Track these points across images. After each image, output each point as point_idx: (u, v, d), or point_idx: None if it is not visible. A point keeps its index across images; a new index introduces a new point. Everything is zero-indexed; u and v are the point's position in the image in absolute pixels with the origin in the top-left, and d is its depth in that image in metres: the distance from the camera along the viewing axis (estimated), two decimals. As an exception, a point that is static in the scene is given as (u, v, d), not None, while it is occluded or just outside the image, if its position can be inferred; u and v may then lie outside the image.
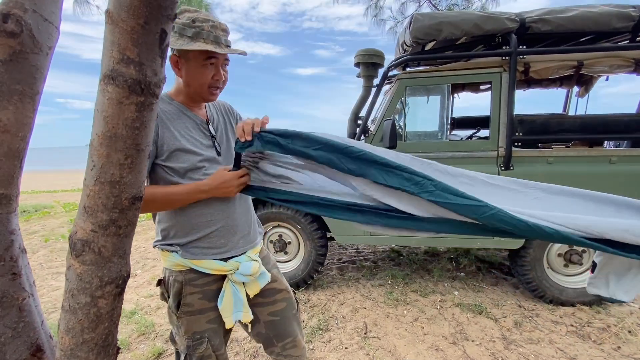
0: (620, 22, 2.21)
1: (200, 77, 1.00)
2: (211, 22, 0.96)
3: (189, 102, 1.07)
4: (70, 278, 0.80)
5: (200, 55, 0.97)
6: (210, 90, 1.03)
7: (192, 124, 1.06)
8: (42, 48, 0.96)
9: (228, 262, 1.07)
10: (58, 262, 3.60)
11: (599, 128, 2.32)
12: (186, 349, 1.08)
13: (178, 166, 1.01)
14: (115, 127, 0.72)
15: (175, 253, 1.06)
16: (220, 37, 0.97)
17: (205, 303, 1.08)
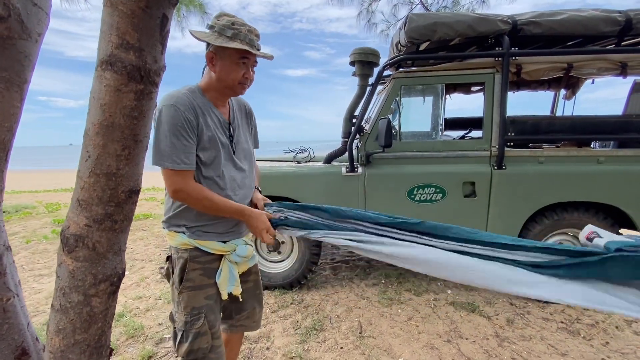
0: (608, 26, 2.27)
1: (234, 74, 1.11)
2: (247, 27, 1.09)
3: (218, 97, 1.18)
4: (61, 275, 0.76)
5: (236, 53, 1.08)
6: (240, 86, 1.15)
7: (217, 121, 1.17)
8: (31, 34, 0.92)
9: (227, 244, 1.22)
10: (40, 264, 3.46)
11: (588, 129, 2.38)
12: (184, 325, 1.18)
13: (205, 157, 1.12)
14: (112, 115, 0.68)
15: (182, 234, 1.17)
16: (254, 41, 1.10)
17: (205, 279, 1.20)
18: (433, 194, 2.45)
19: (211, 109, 1.16)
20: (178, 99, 1.06)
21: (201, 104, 1.13)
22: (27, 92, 1.00)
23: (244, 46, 1.06)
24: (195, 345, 1.17)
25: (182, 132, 1.04)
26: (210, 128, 1.13)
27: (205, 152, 1.12)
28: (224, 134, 1.18)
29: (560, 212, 2.40)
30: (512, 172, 2.36)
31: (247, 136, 1.30)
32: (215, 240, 1.20)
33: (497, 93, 2.36)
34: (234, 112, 1.26)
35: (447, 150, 2.47)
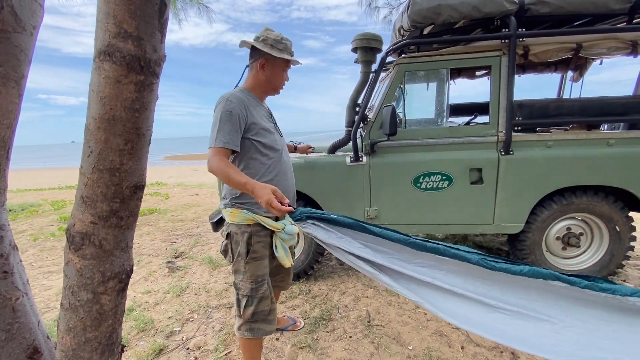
0: (618, 3, 2.19)
1: (280, 78, 1.44)
2: (289, 41, 1.40)
3: (262, 95, 1.47)
4: (69, 274, 0.74)
5: (283, 63, 1.41)
6: (279, 89, 1.49)
7: (265, 112, 1.46)
8: (25, 27, 0.88)
9: (278, 222, 1.39)
10: (49, 260, 3.49)
11: (597, 111, 2.32)
12: (250, 291, 1.41)
13: (265, 141, 1.38)
14: (113, 108, 0.66)
15: (246, 210, 1.38)
16: (292, 53, 1.42)
17: (265, 251, 1.44)
18: (439, 182, 2.42)
19: (258, 103, 1.44)
20: (231, 95, 1.33)
21: (250, 100, 1.39)
22: (24, 88, 0.97)
23: (291, 58, 1.39)
24: (259, 308, 1.42)
25: (228, 118, 1.27)
26: (262, 118, 1.39)
27: (261, 137, 1.36)
28: (270, 121, 1.47)
29: (569, 196, 2.36)
30: (520, 157, 2.32)
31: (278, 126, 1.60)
32: (271, 216, 1.39)
33: (504, 76, 2.30)
34: (268, 106, 1.55)
35: (453, 137, 2.43)
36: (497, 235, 3.61)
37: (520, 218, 2.42)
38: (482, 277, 0.92)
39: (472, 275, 0.93)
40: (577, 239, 2.47)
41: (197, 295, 2.61)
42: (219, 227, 2.72)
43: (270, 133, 1.41)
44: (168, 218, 5.04)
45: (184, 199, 6.68)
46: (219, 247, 3.69)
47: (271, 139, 1.41)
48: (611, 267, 2.45)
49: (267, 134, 1.39)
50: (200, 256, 3.40)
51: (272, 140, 1.41)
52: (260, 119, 1.38)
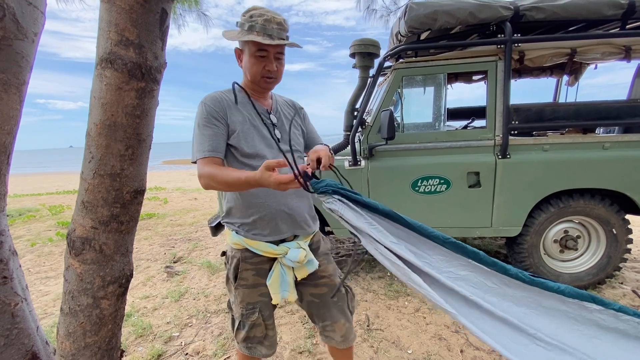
0: (611, 9, 2.22)
1: (254, 68, 1.09)
2: (265, 17, 1.03)
3: (252, 92, 1.18)
4: (69, 279, 0.75)
5: (252, 46, 1.06)
6: (264, 80, 1.12)
7: (254, 112, 1.16)
8: (27, 34, 0.90)
9: (279, 246, 1.18)
10: (47, 266, 3.47)
11: (592, 115, 2.35)
12: (240, 316, 1.24)
13: (239, 146, 1.11)
14: (114, 115, 0.67)
15: (234, 232, 1.19)
16: (273, 30, 1.04)
17: (259, 279, 1.21)
18: (437, 185, 2.44)
19: (248, 101, 1.17)
20: (206, 97, 1.12)
21: (237, 97, 1.15)
22: (26, 94, 0.98)
23: (255, 37, 1.02)
24: (251, 333, 1.24)
25: (206, 123, 1.07)
26: (245, 119, 1.13)
27: (236, 142, 1.11)
28: (263, 123, 1.17)
29: (566, 199, 2.38)
30: (517, 161, 2.34)
31: (291, 126, 1.26)
32: (265, 240, 1.17)
33: (500, 81, 2.33)
34: (276, 105, 1.26)
35: (451, 141, 2.45)
36: (495, 239, 3.62)
37: (518, 221, 2.43)
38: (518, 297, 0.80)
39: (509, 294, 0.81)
40: (574, 242, 2.49)
41: (196, 300, 2.60)
42: (217, 231, 2.72)
43: (251, 137, 1.12)
44: (167, 223, 5.03)
45: (183, 203, 6.67)
46: (217, 251, 3.68)
47: (252, 144, 1.12)
48: (608, 270, 2.46)
49: (246, 137, 1.11)
50: (199, 261, 3.39)
51: (252, 146, 1.11)
52: (238, 119, 1.12)
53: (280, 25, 1.05)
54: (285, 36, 1.08)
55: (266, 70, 1.09)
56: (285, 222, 1.18)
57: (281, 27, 1.05)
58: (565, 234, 2.51)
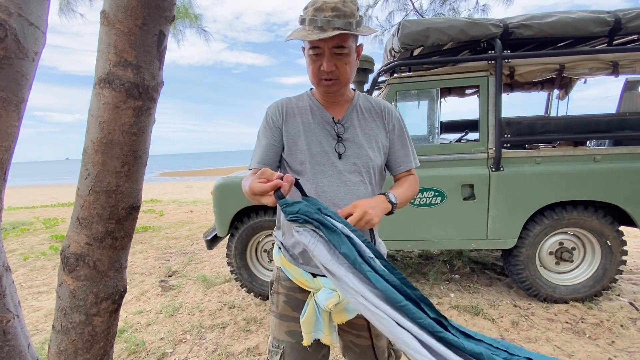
0: (597, 27, 2.30)
1: (309, 68, 0.93)
2: (316, 5, 0.83)
3: (322, 97, 1.01)
4: (62, 296, 0.75)
5: (306, 45, 0.89)
6: (322, 83, 0.92)
7: (317, 121, 0.98)
8: (27, 53, 0.92)
9: (316, 278, 0.97)
10: (39, 281, 3.42)
11: (583, 128, 2.40)
12: (268, 352, 1.06)
13: (291, 160, 0.97)
14: (111, 133, 0.68)
15: (276, 246, 1.07)
16: (324, 20, 0.82)
17: (288, 310, 1.02)
18: (432, 198, 2.45)
19: (314, 109, 1.00)
20: (274, 102, 1.02)
21: (300, 106, 1.00)
22: (24, 111, 0.99)
23: (299, 35, 0.85)
24: None
25: (263, 131, 0.99)
26: (303, 130, 0.97)
27: (289, 156, 0.97)
28: (326, 134, 0.97)
29: (559, 211, 2.40)
30: (510, 174, 2.37)
31: (364, 137, 1.00)
32: (300, 266, 0.99)
33: (492, 95, 2.38)
34: (354, 112, 1.02)
35: (445, 154, 2.48)
36: (491, 251, 3.62)
37: (513, 233, 2.44)
38: None
39: None
40: (569, 254, 2.50)
41: (190, 315, 2.56)
42: (213, 245, 2.71)
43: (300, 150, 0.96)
44: (162, 236, 4.99)
45: (179, 216, 6.64)
46: (213, 265, 3.65)
47: (300, 159, 0.96)
48: (605, 282, 2.47)
49: (294, 150, 0.97)
50: (194, 275, 3.36)
51: (300, 161, 0.96)
52: (294, 129, 0.98)
53: (336, 11, 0.82)
54: (345, 24, 0.83)
55: (322, 71, 0.89)
56: None
57: (337, 13, 0.82)
58: (561, 245, 2.53)
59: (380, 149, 1.01)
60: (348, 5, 0.83)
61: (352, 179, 0.96)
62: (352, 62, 0.91)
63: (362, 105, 1.04)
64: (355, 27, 0.84)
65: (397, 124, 1.05)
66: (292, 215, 0.71)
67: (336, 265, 0.68)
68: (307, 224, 0.71)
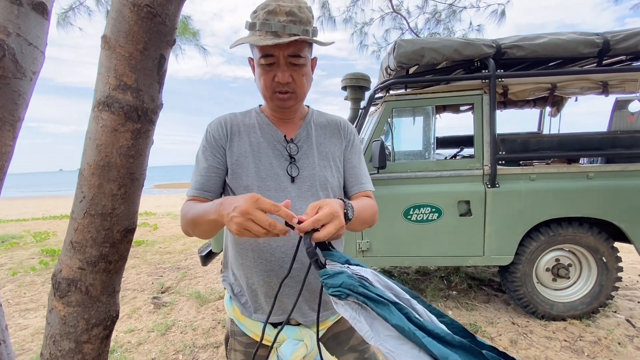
0: (587, 48, 2.37)
1: (260, 80, 0.81)
2: (269, 7, 0.74)
3: (272, 113, 0.90)
4: (52, 322, 0.72)
5: (256, 52, 0.78)
6: (275, 96, 0.81)
7: (267, 140, 0.87)
8: (25, 73, 0.92)
9: (277, 329, 0.80)
10: (27, 297, 3.32)
11: (576, 146, 2.44)
12: None
13: (235, 185, 0.85)
14: (109, 155, 0.68)
15: (227, 295, 0.92)
16: (279, 25, 0.72)
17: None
18: (429, 214, 2.46)
19: (263, 127, 0.89)
20: (214, 120, 0.89)
21: (248, 123, 0.89)
22: (19, 130, 0.99)
23: (249, 39, 0.74)
24: None
25: (202, 153, 0.86)
26: (250, 150, 0.85)
27: (232, 180, 0.85)
28: (278, 155, 0.86)
29: (555, 228, 2.41)
30: (506, 190, 2.39)
31: (317, 157, 0.89)
32: (255, 318, 0.85)
33: (486, 113, 2.42)
34: (308, 129, 0.91)
35: (441, 170, 2.50)
36: (488, 266, 3.61)
37: (509, 249, 2.44)
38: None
39: None
40: (566, 270, 2.49)
41: (183, 334, 2.50)
42: (208, 260, 2.67)
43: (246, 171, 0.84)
44: (155, 250, 4.91)
45: (173, 229, 6.55)
46: (207, 281, 3.59)
47: (244, 181, 0.83)
48: (601, 299, 2.46)
49: (240, 173, 0.84)
50: (187, 291, 3.29)
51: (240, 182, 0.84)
52: (239, 150, 0.86)
53: (292, 16, 0.73)
54: (302, 31, 0.74)
55: (276, 83, 0.79)
56: (293, 297, 0.81)
57: (293, 18, 0.73)
58: (557, 262, 2.53)
59: (340, 167, 0.92)
60: (304, 11, 0.75)
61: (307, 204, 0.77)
62: (308, 75, 0.83)
63: (317, 121, 0.94)
64: (311, 36, 0.76)
65: (354, 140, 0.96)
66: (335, 290, 0.62)
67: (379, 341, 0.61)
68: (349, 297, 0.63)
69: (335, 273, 0.63)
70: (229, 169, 0.85)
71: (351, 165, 0.94)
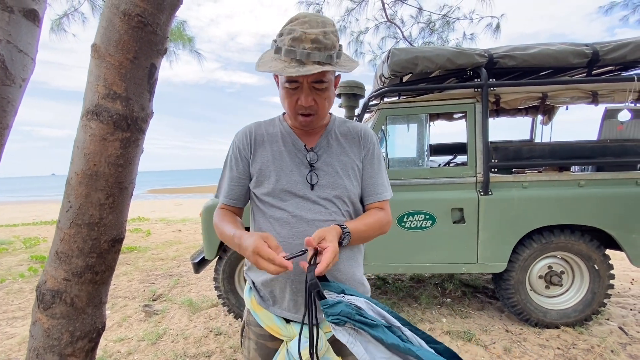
0: (577, 58, 2.42)
1: (284, 101, 0.86)
2: (294, 34, 0.75)
3: (295, 125, 0.94)
4: (35, 335, 0.70)
5: (281, 77, 0.82)
6: (299, 117, 0.86)
7: (288, 149, 0.92)
8: (15, 80, 0.91)
9: (290, 324, 0.89)
10: (15, 305, 3.25)
11: (567, 154, 2.47)
12: None
13: (259, 192, 0.90)
14: (97, 164, 0.67)
15: (248, 286, 0.97)
16: (304, 53, 0.74)
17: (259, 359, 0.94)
18: (423, 221, 2.46)
19: (285, 136, 0.93)
20: (242, 129, 0.95)
21: (271, 132, 0.93)
22: (8, 136, 0.97)
23: (275, 68, 0.76)
24: None
25: (229, 162, 0.94)
26: (272, 159, 0.90)
27: (257, 187, 0.91)
28: (298, 163, 0.91)
29: (547, 235, 2.43)
30: (498, 198, 2.40)
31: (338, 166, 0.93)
32: (272, 311, 0.90)
33: (479, 122, 2.45)
34: (328, 138, 0.95)
35: (435, 177, 2.51)
36: (482, 274, 3.61)
37: (503, 257, 2.45)
38: None
39: None
40: (559, 278, 2.51)
41: (174, 343, 2.45)
42: (200, 268, 2.64)
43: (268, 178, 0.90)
44: (148, 257, 4.85)
45: (166, 235, 6.48)
46: (200, 288, 3.54)
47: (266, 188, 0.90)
48: (594, 306, 2.47)
49: (263, 179, 0.90)
50: (179, 298, 3.24)
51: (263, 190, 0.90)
52: (263, 158, 0.91)
53: (317, 43, 0.75)
54: (326, 57, 0.76)
55: (299, 106, 0.83)
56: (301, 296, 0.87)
57: (318, 45, 0.75)
58: (550, 269, 2.54)
59: (358, 176, 0.95)
60: (329, 37, 0.76)
61: (325, 210, 0.88)
62: (331, 96, 0.88)
63: (338, 130, 0.97)
64: (335, 60, 0.79)
65: (373, 149, 0.99)
66: (334, 318, 0.71)
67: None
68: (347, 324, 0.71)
69: (335, 303, 0.71)
70: (254, 177, 0.91)
71: (369, 175, 0.97)
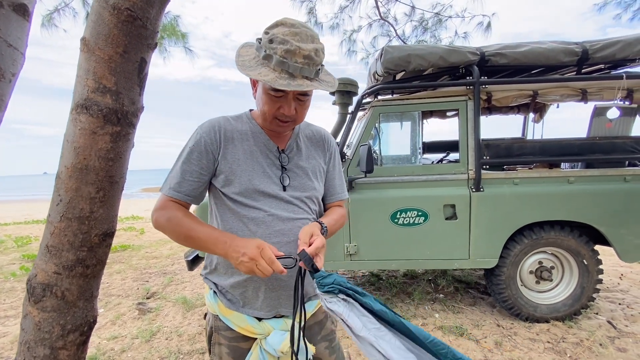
0: (567, 56, 2.45)
1: (264, 106, 0.85)
2: (288, 46, 0.75)
3: (265, 126, 0.94)
4: (26, 328, 0.70)
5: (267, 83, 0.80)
6: (276, 122, 0.87)
7: (260, 149, 0.92)
8: (4, 75, 0.90)
9: (262, 322, 0.91)
10: (7, 304, 3.22)
11: (557, 151, 2.51)
12: None
13: (229, 192, 0.88)
14: (87, 158, 0.67)
15: (210, 292, 0.94)
16: (296, 67, 0.76)
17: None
18: (416, 217, 2.48)
19: (256, 135, 0.93)
20: (206, 122, 0.90)
21: (241, 130, 0.92)
22: (-3, 132, 0.97)
23: (265, 78, 0.76)
24: None
25: (190, 156, 0.86)
26: (245, 158, 0.90)
27: (226, 187, 0.88)
28: (270, 164, 0.92)
29: (538, 231, 2.46)
30: (490, 194, 2.43)
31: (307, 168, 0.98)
32: (243, 312, 0.91)
33: (471, 119, 2.47)
34: (297, 141, 0.99)
35: (427, 174, 2.53)
36: (474, 269, 3.66)
37: (494, 253, 2.48)
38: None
39: None
40: (549, 273, 2.55)
41: (168, 340, 2.45)
42: (194, 265, 2.64)
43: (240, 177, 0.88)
44: (142, 255, 4.83)
45: (160, 233, 6.43)
46: (194, 286, 3.54)
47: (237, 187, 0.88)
48: (583, 301, 2.52)
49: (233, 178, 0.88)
50: (173, 296, 3.24)
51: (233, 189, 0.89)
52: (234, 157, 0.89)
53: (309, 60, 0.77)
54: (314, 72, 0.79)
55: (280, 113, 0.84)
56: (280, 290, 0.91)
57: (309, 61, 0.77)
58: (540, 265, 2.58)
59: (322, 178, 1.02)
60: (319, 55, 0.79)
61: (299, 209, 0.93)
62: (309, 104, 0.90)
63: (304, 133, 1.02)
64: (319, 75, 0.83)
65: (335, 152, 1.06)
66: (329, 287, 0.77)
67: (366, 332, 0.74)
68: (340, 294, 0.77)
69: (328, 274, 0.80)
70: (221, 175, 0.88)
71: (332, 176, 1.05)
